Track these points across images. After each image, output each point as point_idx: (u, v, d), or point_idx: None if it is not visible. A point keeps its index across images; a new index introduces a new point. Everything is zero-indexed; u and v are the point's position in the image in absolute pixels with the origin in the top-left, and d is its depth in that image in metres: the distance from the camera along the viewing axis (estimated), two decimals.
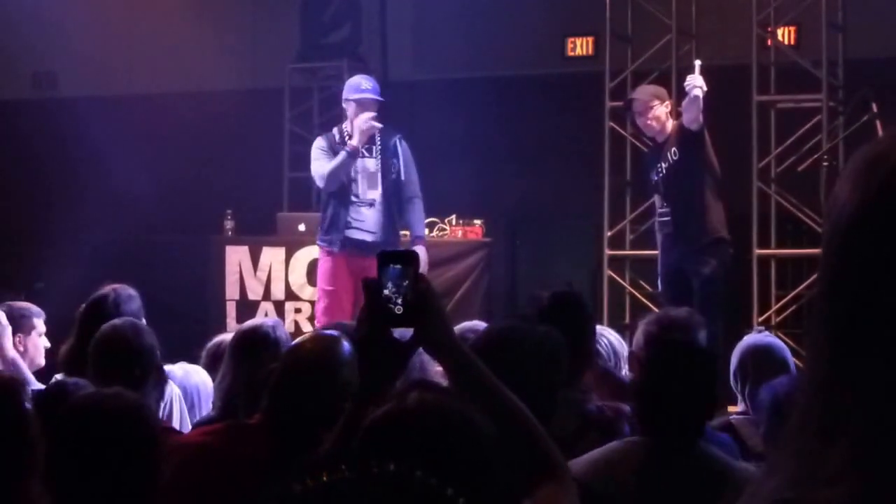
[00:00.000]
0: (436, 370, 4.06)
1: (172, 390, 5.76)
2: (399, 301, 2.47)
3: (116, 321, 5.25)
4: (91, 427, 3.38)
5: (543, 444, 2.53)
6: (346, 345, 3.76)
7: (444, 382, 2.83)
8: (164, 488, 3.66)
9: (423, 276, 2.51)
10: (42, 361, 6.57)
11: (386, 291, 2.48)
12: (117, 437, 3.36)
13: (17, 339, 6.48)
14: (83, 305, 5.88)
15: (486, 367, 2.54)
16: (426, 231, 9.27)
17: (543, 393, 3.44)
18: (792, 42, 11.15)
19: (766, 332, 6.16)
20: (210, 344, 6.05)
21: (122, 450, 3.34)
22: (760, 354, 5.31)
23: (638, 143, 10.61)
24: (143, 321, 5.92)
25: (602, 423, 4.35)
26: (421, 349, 2.66)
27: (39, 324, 6.61)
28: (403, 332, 2.57)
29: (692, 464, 3.77)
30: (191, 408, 5.83)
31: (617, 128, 10.72)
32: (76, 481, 3.34)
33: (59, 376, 5.69)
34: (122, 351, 4.95)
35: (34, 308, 6.70)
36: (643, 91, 9.24)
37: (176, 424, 5.64)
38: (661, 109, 9.00)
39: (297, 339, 4.02)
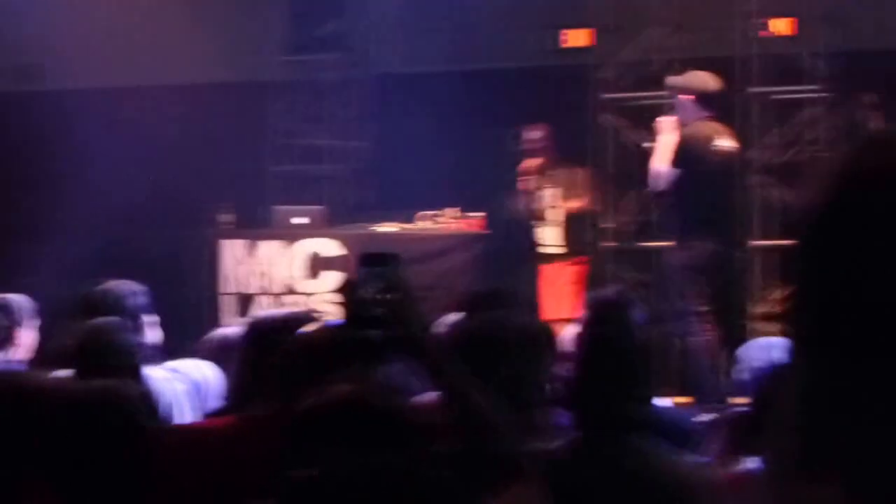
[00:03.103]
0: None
1: (177, 387, 5.72)
2: (376, 302, 2.48)
3: (98, 319, 5.21)
4: (80, 419, 3.38)
5: (511, 445, 2.58)
6: None
7: None
8: (169, 474, 3.66)
9: (402, 278, 2.53)
10: (33, 349, 6.56)
11: (363, 292, 2.47)
12: (107, 428, 3.35)
13: (16, 334, 6.45)
14: (85, 300, 5.84)
15: (459, 369, 2.54)
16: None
17: (526, 383, 3.42)
18: (786, 33, 11.13)
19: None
20: (209, 337, 6.04)
21: (112, 441, 3.34)
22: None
23: (628, 135, 10.63)
24: (153, 316, 5.90)
25: None
26: None
27: (32, 314, 6.59)
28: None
29: (622, 457, 3.73)
30: (201, 403, 5.79)
31: (608, 119, 10.74)
32: (68, 473, 3.33)
33: (62, 372, 5.65)
34: (102, 349, 4.92)
35: (22, 299, 6.67)
36: (677, 78, 9.76)
37: (181, 421, 5.62)
38: (682, 100, 9.46)
39: (303, 330, 4.02)
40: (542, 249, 10.51)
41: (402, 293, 2.51)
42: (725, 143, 9.32)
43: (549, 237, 10.51)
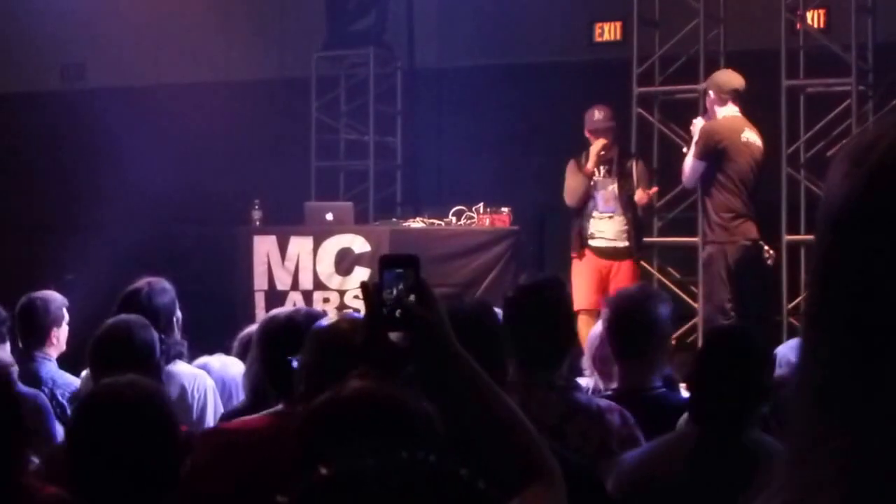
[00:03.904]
0: None
1: (206, 383, 5.76)
2: (398, 305, 2.45)
3: (116, 318, 5.21)
4: (109, 415, 3.36)
5: (535, 446, 2.53)
6: None
7: None
8: (207, 476, 3.65)
9: (423, 280, 2.49)
10: (64, 346, 6.61)
11: (385, 295, 2.45)
12: (135, 424, 3.33)
13: (53, 332, 6.51)
14: (118, 298, 5.87)
15: (478, 369, 2.54)
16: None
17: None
18: (821, 26, 11.07)
19: None
20: (242, 334, 6.03)
21: (141, 436, 3.32)
22: None
23: (665, 130, 10.57)
24: (178, 314, 5.93)
25: (589, 411, 4.33)
26: None
27: (65, 312, 6.65)
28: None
29: (742, 451, 3.76)
30: (228, 399, 5.83)
31: (644, 114, 10.68)
32: (97, 469, 3.32)
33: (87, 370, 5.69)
34: (119, 348, 4.90)
35: (58, 296, 6.72)
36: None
37: (210, 417, 5.65)
38: (708, 99, 9.61)
39: (325, 321, 3.99)
40: (597, 243, 10.07)
41: (423, 294, 2.51)
42: (753, 136, 9.34)
43: (608, 230, 10.09)
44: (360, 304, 10.22)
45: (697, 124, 9.54)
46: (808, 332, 1.25)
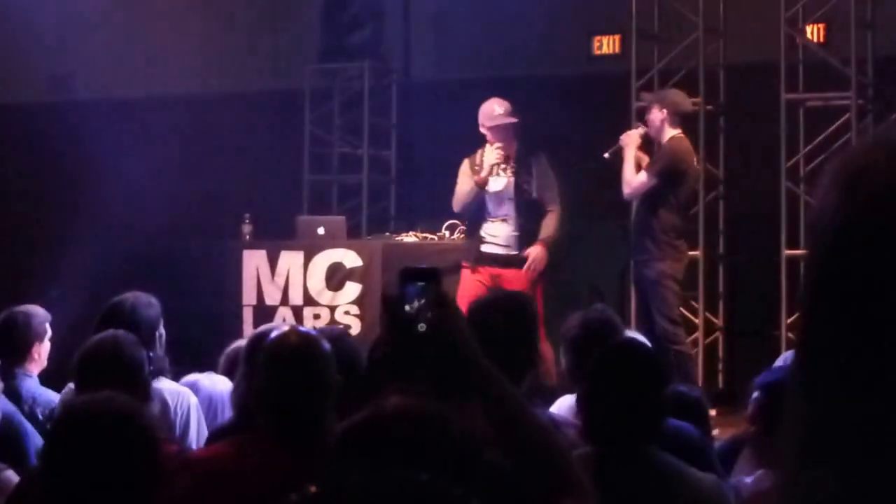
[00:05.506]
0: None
1: (190, 400, 5.68)
2: (421, 319, 2.40)
3: (103, 333, 5.13)
4: (84, 432, 3.26)
5: (564, 461, 2.51)
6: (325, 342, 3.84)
7: None
8: None
9: (445, 294, 2.44)
10: (46, 362, 6.53)
11: (407, 309, 2.40)
12: (111, 442, 3.24)
13: (35, 348, 6.43)
14: (101, 312, 5.79)
15: (506, 383, 2.50)
16: (551, 234, 9.43)
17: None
18: (821, 40, 11.01)
19: None
20: (228, 350, 6.00)
21: (118, 455, 3.22)
22: None
23: None
24: (162, 329, 5.85)
25: None
26: None
27: (48, 327, 6.57)
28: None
29: (642, 471, 3.67)
30: (214, 417, 5.75)
31: (643, 127, 10.58)
32: (70, 488, 3.23)
33: (71, 385, 5.59)
34: (105, 365, 4.82)
35: (41, 311, 6.65)
36: (651, 94, 9.76)
37: (193, 434, 5.59)
38: (656, 115, 9.35)
39: (276, 335, 3.95)
40: (487, 248, 9.44)
41: (446, 308, 2.43)
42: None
43: (501, 234, 9.45)
44: (351, 321, 10.22)
45: (632, 135, 9.40)
46: (800, 352, 1.23)
